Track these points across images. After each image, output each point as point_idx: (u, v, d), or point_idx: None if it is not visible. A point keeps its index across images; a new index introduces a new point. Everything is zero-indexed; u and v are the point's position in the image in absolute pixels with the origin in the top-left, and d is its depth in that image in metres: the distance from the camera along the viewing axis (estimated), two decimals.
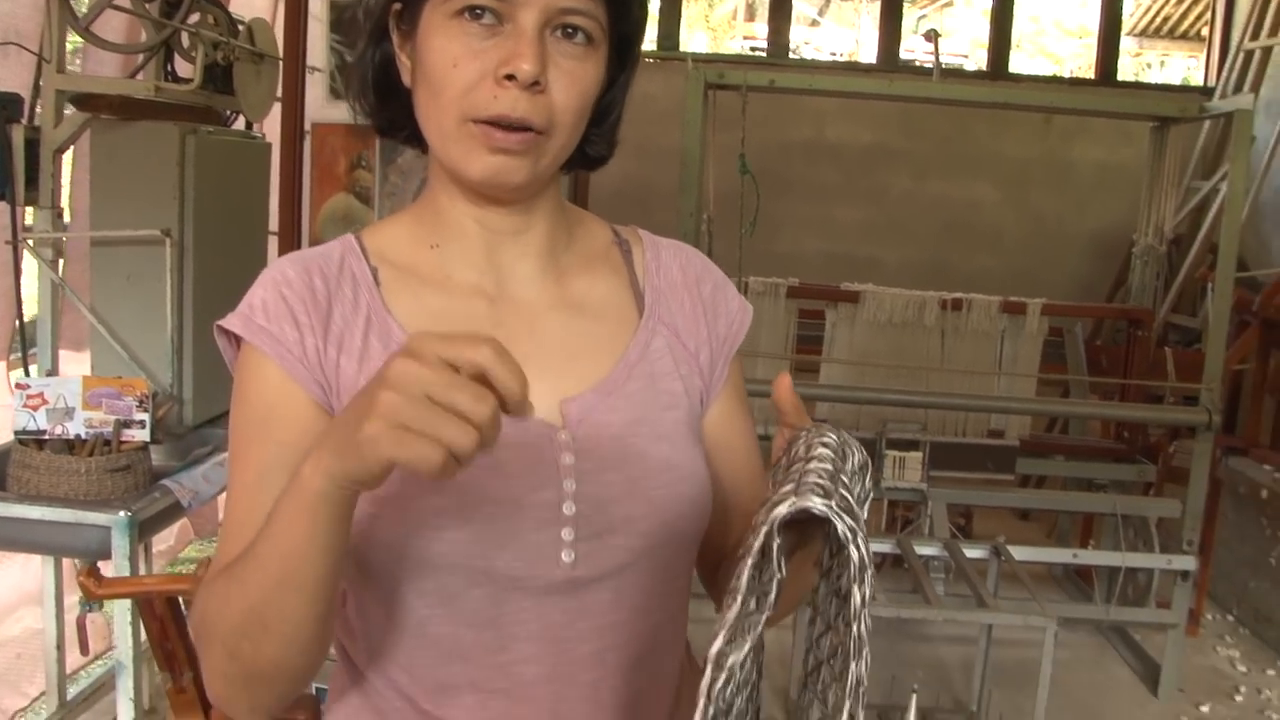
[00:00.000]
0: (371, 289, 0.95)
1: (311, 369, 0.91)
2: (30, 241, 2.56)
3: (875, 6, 6.41)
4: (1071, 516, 4.58)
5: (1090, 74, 6.34)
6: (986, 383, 3.91)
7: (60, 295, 2.65)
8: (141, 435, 2.39)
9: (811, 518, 0.73)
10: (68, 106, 2.60)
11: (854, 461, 0.80)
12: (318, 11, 4.00)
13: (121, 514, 2.20)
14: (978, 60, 8.76)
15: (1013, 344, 3.93)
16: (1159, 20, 8.16)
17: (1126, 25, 7.08)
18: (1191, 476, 3.60)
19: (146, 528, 2.32)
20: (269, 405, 0.91)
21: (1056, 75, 6.20)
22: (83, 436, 2.34)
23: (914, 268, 5.65)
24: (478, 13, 0.88)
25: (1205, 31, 6.56)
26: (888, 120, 5.77)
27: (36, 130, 2.54)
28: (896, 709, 3.28)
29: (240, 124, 3.07)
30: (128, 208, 2.59)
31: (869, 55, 6.75)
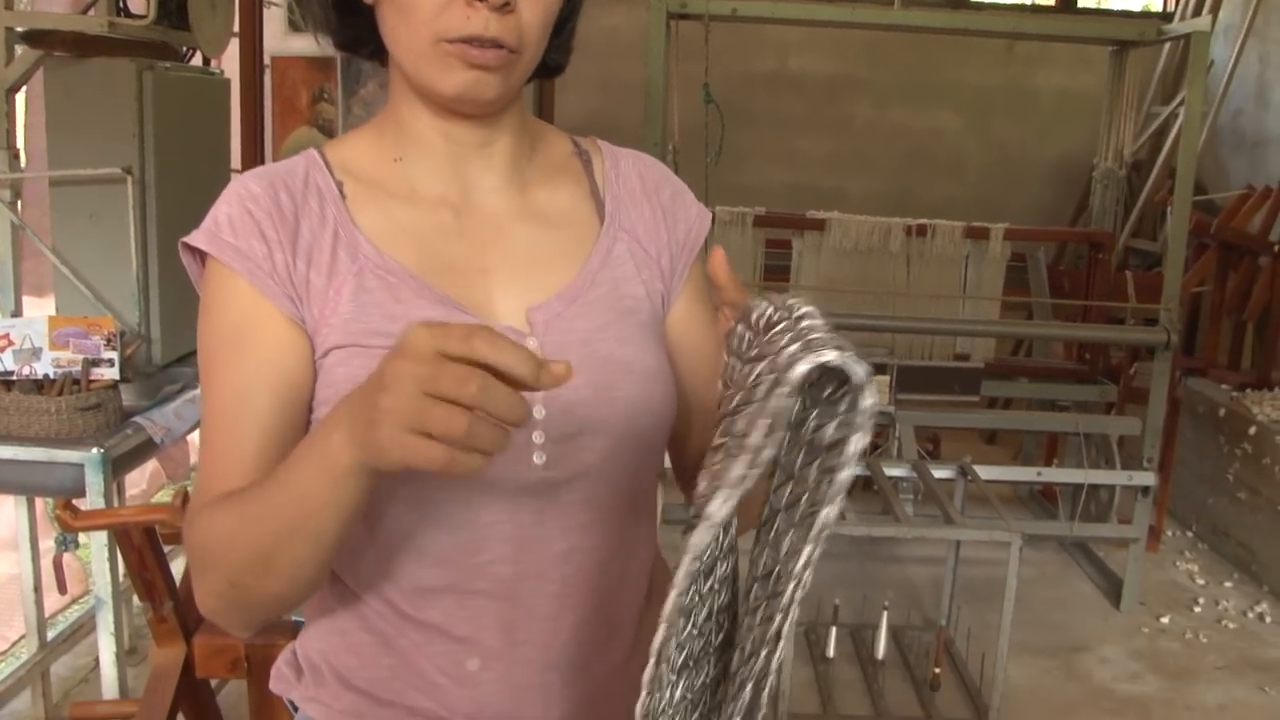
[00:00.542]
0: (337, 202, 0.96)
1: (282, 284, 0.91)
2: None
3: None
4: (1036, 439, 4.66)
5: (1051, 1, 6.34)
6: (952, 307, 3.96)
7: (20, 238, 2.62)
8: (111, 374, 2.38)
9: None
10: (19, 44, 2.56)
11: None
12: None
13: (94, 451, 2.20)
14: None
15: (976, 269, 3.98)
16: None
17: None
18: (1151, 395, 3.67)
19: (120, 465, 2.32)
20: (240, 323, 0.92)
21: (1018, 3, 6.18)
22: (51, 376, 2.33)
23: (878, 197, 5.68)
24: None
25: None
26: (851, 50, 5.75)
27: None
28: (868, 628, 3.36)
29: (198, 60, 3.02)
30: (86, 147, 2.55)
31: None
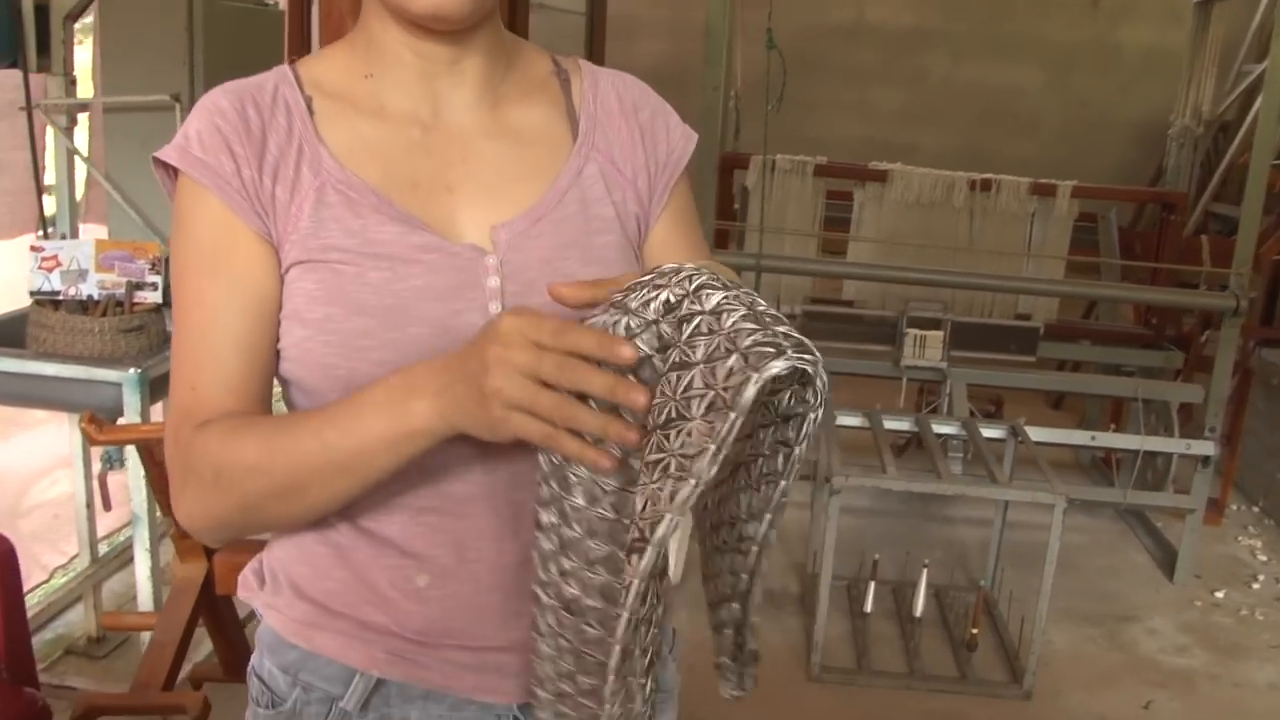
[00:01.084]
0: (305, 118, 0.95)
1: (250, 199, 0.91)
2: (43, 108, 2.58)
3: None
4: (1100, 405, 4.54)
5: None
6: (1015, 266, 3.86)
7: (74, 162, 2.68)
8: (154, 297, 2.42)
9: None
10: None
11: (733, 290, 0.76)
12: None
13: (131, 371, 2.25)
14: None
15: (1042, 227, 3.87)
16: None
17: None
18: (1216, 363, 3.55)
19: (158, 386, 2.37)
20: (214, 239, 0.91)
21: None
22: (95, 298, 2.39)
23: (950, 154, 5.54)
24: None
25: None
26: (928, 1, 5.60)
27: None
28: (910, 585, 3.31)
29: None
30: (138, 74, 2.60)
31: None
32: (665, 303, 0.74)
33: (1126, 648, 3.28)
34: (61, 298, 2.38)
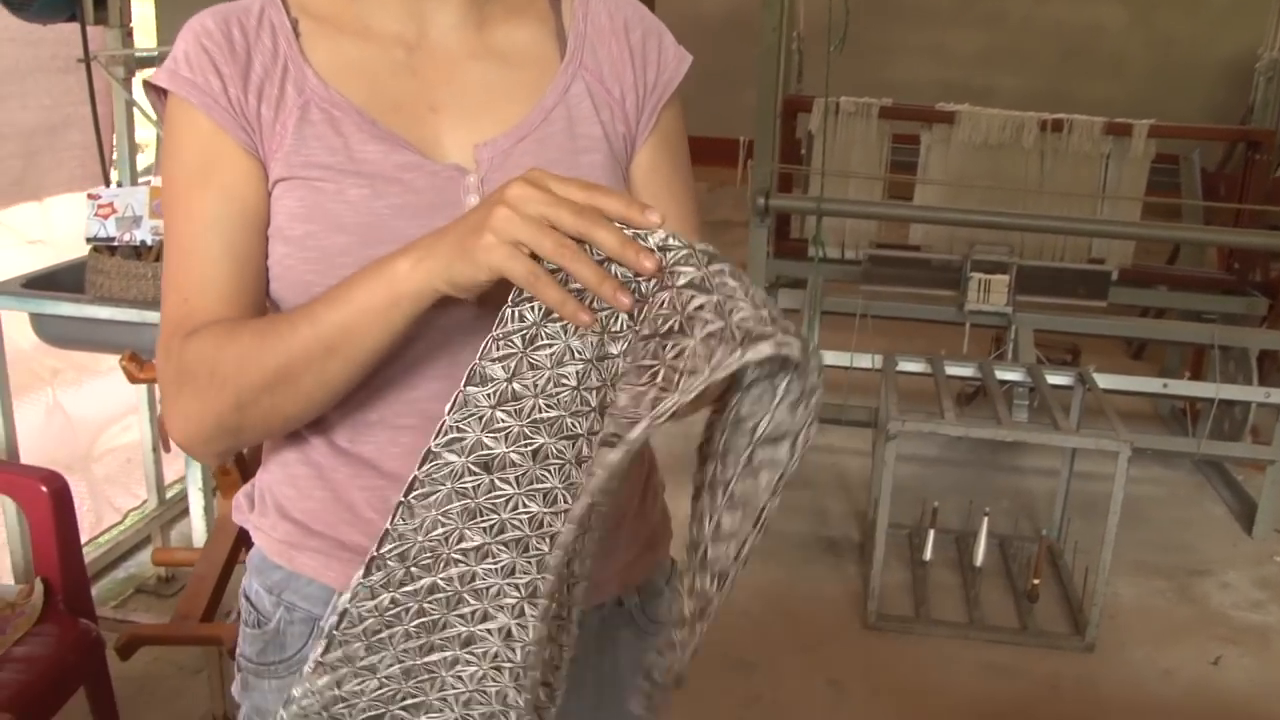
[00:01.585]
0: (290, 39, 0.95)
1: (237, 116, 0.92)
2: (101, 60, 2.63)
3: None
4: (1181, 354, 4.39)
5: None
6: (1088, 209, 3.73)
7: (133, 114, 2.73)
8: None
9: None
10: None
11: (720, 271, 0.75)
12: None
13: None
14: None
15: (1117, 168, 3.73)
16: None
17: None
18: None
19: None
20: (204, 155, 0.92)
21: None
22: (149, 243, 2.43)
23: (1030, 96, 5.32)
24: None
25: None
26: None
27: None
28: (972, 534, 3.25)
29: None
30: None
31: None
32: (705, 252, 0.76)
33: (1197, 601, 3.18)
34: (117, 244, 2.43)
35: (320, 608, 0.99)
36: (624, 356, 0.77)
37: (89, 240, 2.44)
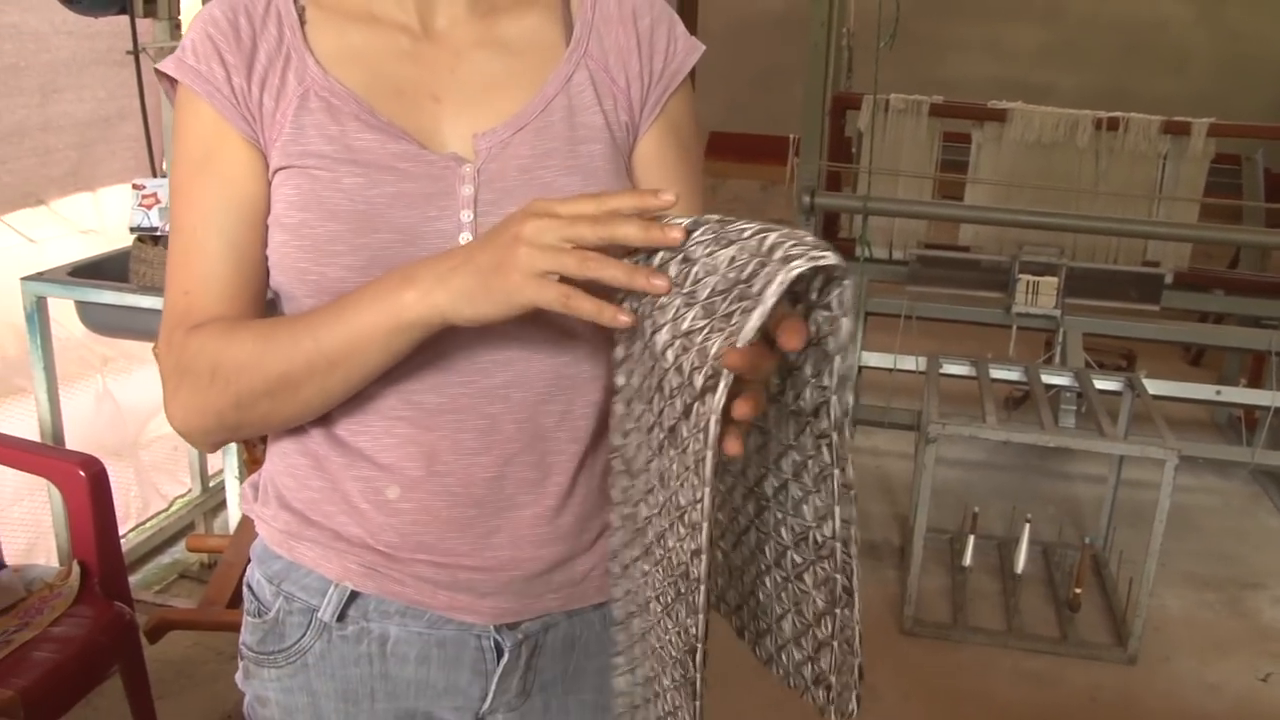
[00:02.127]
0: (295, 28, 0.95)
1: (239, 106, 0.93)
2: (149, 52, 2.66)
3: None
4: (1239, 361, 4.27)
5: None
6: (1143, 210, 3.64)
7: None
8: None
9: None
10: None
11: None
12: None
13: None
14: None
15: (1175, 168, 3.64)
16: None
17: None
18: None
19: None
20: (207, 144, 0.94)
21: None
22: None
23: (1091, 94, 5.22)
24: None
25: None
26: None
27: None
28: (1014, 541, 3.20)
29: None
30: None
31: None
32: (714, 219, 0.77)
33: (1248, 615, 3.10)
34: (159, 233, 2.47)
35: (318, 598, 1.00)
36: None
37: (133, 230, 2.48)
